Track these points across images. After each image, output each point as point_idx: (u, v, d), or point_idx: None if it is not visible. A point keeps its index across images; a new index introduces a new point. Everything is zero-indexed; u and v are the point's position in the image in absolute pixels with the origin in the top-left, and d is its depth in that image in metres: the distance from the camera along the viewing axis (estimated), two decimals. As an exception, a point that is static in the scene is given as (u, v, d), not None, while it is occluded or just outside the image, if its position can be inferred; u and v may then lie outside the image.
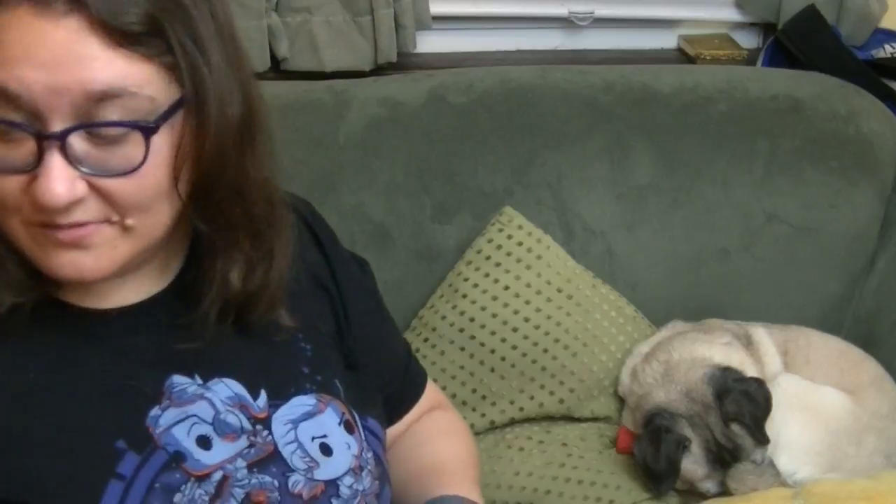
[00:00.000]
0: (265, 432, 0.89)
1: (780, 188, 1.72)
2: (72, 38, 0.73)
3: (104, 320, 0.86)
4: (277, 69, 1.86)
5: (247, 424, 0.88)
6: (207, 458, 0.85)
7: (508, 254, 1.59)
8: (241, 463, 0.86)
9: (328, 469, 0.90)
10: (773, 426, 1.45)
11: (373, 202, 1.61)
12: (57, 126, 0.74)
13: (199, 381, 0.87)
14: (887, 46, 2.05)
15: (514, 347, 1.55)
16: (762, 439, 1.41)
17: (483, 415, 1.55)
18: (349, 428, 0.93)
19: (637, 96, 1.73)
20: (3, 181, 0.76)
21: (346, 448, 0.92)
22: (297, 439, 0.90)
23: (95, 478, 0.80)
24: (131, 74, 0.75)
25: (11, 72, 0.72)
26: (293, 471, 0.88)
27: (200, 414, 0.86)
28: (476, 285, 1.58)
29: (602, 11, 2.08)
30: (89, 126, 0.75)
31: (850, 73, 1.88)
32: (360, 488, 0.92)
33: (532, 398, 1.55)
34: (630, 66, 1.83)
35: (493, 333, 1.55)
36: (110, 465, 0.81)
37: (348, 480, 0.91)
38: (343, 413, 0.93)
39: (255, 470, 0.87)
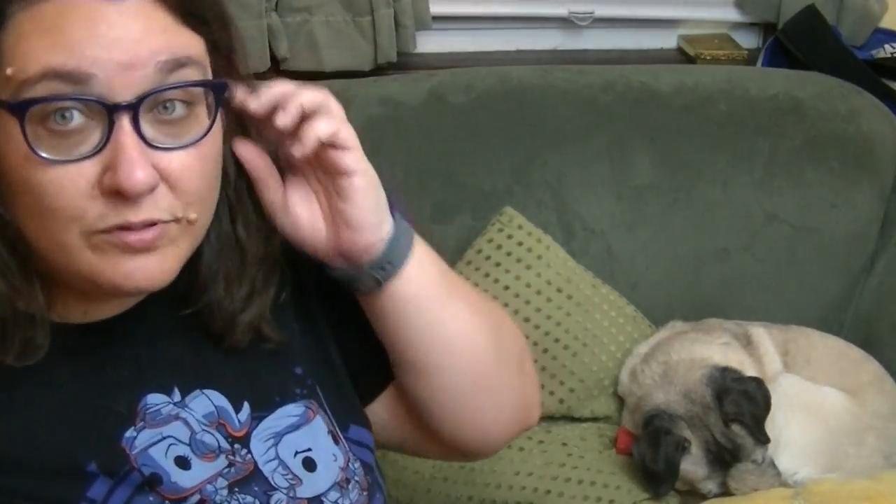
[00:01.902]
0: (244, 451, 0.86)
1: (780, 188, 1.72)
2: (137, 15, 0.72)
3: (82, 335, 0.82)
4: (277, 69, 1.85)
5: (224, 444, 0.85)
6: (186, 479, 0.82)
7: (508, 254, 1.59)
8: (221, 483, 0.84)
9: (311, 485, 0.87)
10: (773, 426, 1.45)
11: (373, 202, 1.60)
12: (123, 99, 0.72)
13: (178, 396, 0.84)
14: (887, 46, 2.05)
15: (514, 347, 1.55)
16: (762, 439, 1.41)
17: (483, 415, 1.55)
18: (335, 438, 0.90)
19: (637, 96, 1.73)
20: (66, 183, 0.72)
21: (332, 460, 0.89)
22: (277, 456, 0.87)
23: (65, 501, 0.78)
24: (193, 45, 0.76)
25: (82, 53, 0.71)
26: (275, 489, 0.86)
27: (176, 435, 0.83)
28: (476, 285, 1.57)
29: (602, 11, 2.07)
30: (161, 90, 0.73)
31: (850, 73, 1.88)
32: (347, 502, 0.89)
33: (532, 398, 1.55)
34: (630, 66, 1.83)
35: (493, 333, 1.55)
36: (81, 489, 0.79)
37: (333, 496, 0.88)
38: (328, 423, 0.90)
39: (236, 490, 0.84)
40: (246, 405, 0.87)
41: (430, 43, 2.00)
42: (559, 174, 1.67)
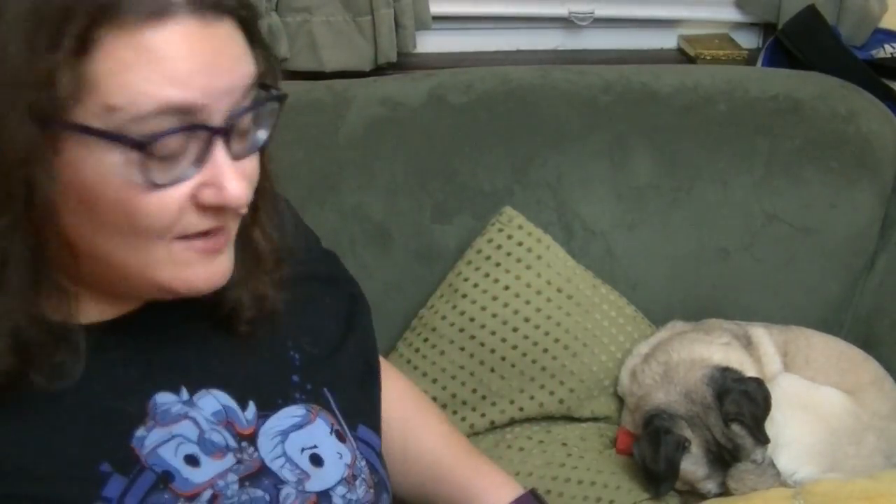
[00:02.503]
0: (251, 449, 0.87)
1: (780, 188, 1.72)
2: (228, 40, 0.75)
3: (92, 336, 0.83)
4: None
5: (232, 442, 0.86)
6: (196, 476, 0.83)
7: (508, 254, 1.59)
8: (232, 478, 0.85)
9: (320, 480, 0.89)
10: (773, 426, 1.45)
11: (373, 202, 1.61)
12: (218, 121, 0.75)
13: (186, 395, 0.86)
14: (887, 46, 2.05)
15: (514, 347, 1.55)
16: (762, 439, 1.41)
17: (483, 415, 1.55)
18: (340, 437, 0.92)
19: (637, 96, 1.73)
20: (168, 202, 0.75)
21: (337, 458, 0.91)
22: (284, 453, 0.88)
23: (80, 502, 0.79)
24: (257, 63, 0.79)
25: (194, 86, 0.73)
26: (285, 483, 0.87)
27: (185, 434, 0.84)
28: (476, 285, 1.58)
29: (602, 11, 2.08)
30: (249, 110, 0.77)
31: (850, 73, 1.88)
32: (354, 498, 0.91)
33: (532, 398, 1.55)
34: (630, 66, 1.82)
35: (493, 333, 1.55)
36: (95, 489, 0.79)
37: (341, 490, 0.90)
38: (332, 424, 0.92)
39: (246, 484, 0.86)
40: (252, 404, 0.89)
41: (430, 43, 2.00)
42: (559, 174, 1.67)
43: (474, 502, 1.09)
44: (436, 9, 1.93)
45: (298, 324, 0.96)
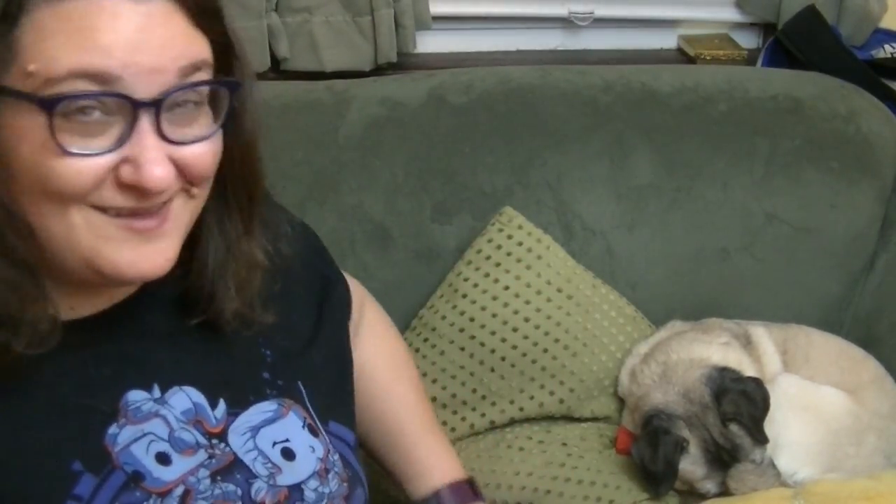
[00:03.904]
0: (222, 444, 0.88)
1: (780, 188, 1.72)
2: (161, 18, 0.75)
3: (67, 332, 0.82)
4: (277, 69, 1.86)
5: (202, 440, 0.87)
6: (167, 474, 0.84)
7: (508, 254, 1.59)
8: (203, 473, 0.85)
9: (291, 474, 0.89)
10: (773, 426, 1.45)
11: (373, 202, 1.61)
12: (144, 97, 0.75)
13: (158, 393, 0.86)
14: (887, 46, 2.05)
15: (514, 347, 1.55)
16: (761, 439, 1.41)
17: (483, 415, 1.55)
18: (313, 431, 0.93)
19: (637, 96, 1.73)
20: (85, 171, 0.74)
21: (310, 451, 0.91)
22: (256, 447, 0.89)
23: (51, 500, 0.79)
24: (205, 49, 0.78)
25: (112, 56, 0.72)
26: (256, 477, 0.88)
27: (156, 432, 0.85)
28: (476, 285, 1.58)
29: (602, 11, 2.08)
30: (183, 88, 0.76)
31: (850, 73, 1.88)
32: (326, 491, 0.91)
33: (532, 398, 1.55)
34: (630, 66, 1.83)
35: (493, 333, 1.55)
36: (67, 488, 0.80)
37: (313, 484, 0.90)
38: (305, 418, 0.93)
39: (218, 479, 0.86)
40: (222, 402, 0.89)
41: (430, 43, 2.00)
42: (559, 174, 1.67)
43: (416, 478, 1.11)
44: (436, 9, 1.93)
45: (271, 321, 0.96)
